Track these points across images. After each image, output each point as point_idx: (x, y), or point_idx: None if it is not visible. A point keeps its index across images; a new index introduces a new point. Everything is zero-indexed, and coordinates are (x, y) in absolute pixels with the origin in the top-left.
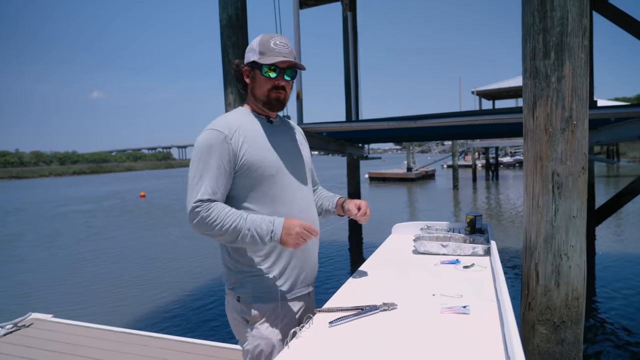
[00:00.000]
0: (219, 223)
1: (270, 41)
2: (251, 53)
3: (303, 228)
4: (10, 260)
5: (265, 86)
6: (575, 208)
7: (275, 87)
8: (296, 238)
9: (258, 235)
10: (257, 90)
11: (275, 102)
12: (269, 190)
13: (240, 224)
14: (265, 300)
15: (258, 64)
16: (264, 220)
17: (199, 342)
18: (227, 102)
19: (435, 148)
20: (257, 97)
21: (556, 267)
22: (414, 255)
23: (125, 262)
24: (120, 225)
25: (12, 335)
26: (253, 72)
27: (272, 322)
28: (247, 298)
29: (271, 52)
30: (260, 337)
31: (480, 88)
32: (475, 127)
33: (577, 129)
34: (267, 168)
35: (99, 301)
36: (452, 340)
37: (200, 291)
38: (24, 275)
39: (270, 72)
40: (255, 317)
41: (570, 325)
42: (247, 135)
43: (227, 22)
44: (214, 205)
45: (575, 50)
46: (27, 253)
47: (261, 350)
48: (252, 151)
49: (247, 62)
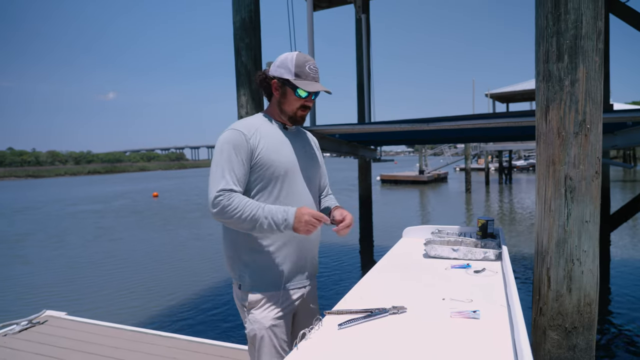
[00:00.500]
0: (239, 211)
1: (306, 65)
2: (284, 70)
3: (312, 216)
4: (23, 259)
5: (295, 105)
6: (588, 213)
7: (303, 106)
8: (306, 225)
9: (274, 223)
10: (286, 106)
11: (299, 119)
12: (276, 189)
13: (259, 213)
14: (262, 289)
15: (292, 84)
16: (279, 209)
17: (208, 342)
18: (240, 103)
19: (448, 151)
20: (284, 111)
21: (568, 272)
22: (424, 259)
23: (136, 262)
24: (132, 225)
25: (27, 332)
26: (284, 88)
27: (267, 308)
28: (246, 286)
29: (306, 77)
30: (254, 322)
31: (494, 91)
32: (488, 130)
33: (590, 132)
34: (277, 168)
35: (110, 300)
36: (461, 344)
37: (210, 291)
38: (36, 273)
39: (303, 93)
40: (252, 303)
41: (582, 331)
42: (263, 136)
43: (240, 24)
44: (235, 195)
45: (590, 54)
46: (40, 252)
47: (255, 335)
48: (265, 151)
49: (280, 77)
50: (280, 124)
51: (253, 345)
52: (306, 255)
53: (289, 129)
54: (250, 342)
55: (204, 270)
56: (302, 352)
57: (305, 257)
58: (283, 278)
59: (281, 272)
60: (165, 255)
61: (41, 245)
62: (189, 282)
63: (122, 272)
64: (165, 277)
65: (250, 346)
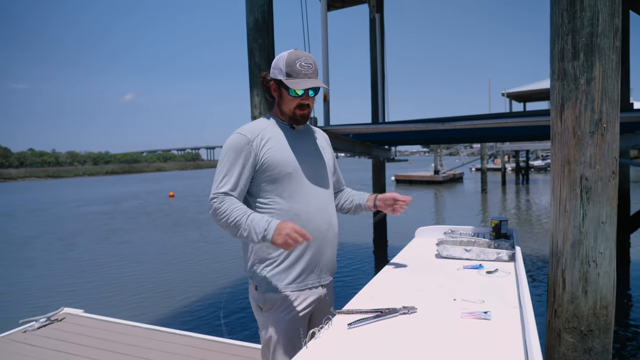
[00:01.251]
0: (226, 216)
1: (297, 63)
2: (277, 71)
3: (294, 231)
4: (40, 258)
5: (292, 104)
6: (604, 214)
7: (300, 105)
8: (284, 238)
9: (254, 232)
10: (284, 106)
11: (300, 118)
12: (285, 188)
13: (242, 220)
14: (277, 289)
15: (285, 85)
16: (262, 220)
17: (222, 341)
18: (253, 103)
19: (463, 151)
20: (283, 112)
21: (584, 274)
22: (436, 259)
23: (152, 261)
24: (148, 225)
25: (45, 329)
26: (279, 89)
27: (282, 311)
28: (262, 287)
29: (297, 75)
30: (270, 325)
31: (510, 90)
32: (504, 129)
33: (607, 132)
34: (284, 167)
35: (127, 298)
36: (471, 345)
37: (225, 291)
38: (54, 272)
39: (296, 92)
40: (268, 305)
41: (599, 334)
42: (268, 138)
43: (253, 24)
44: (227, 199)
45: (606, 51)
46: (58, 251)
47: (270, 337)
48: (271, 152)
49: (274, 78)
50: (287, 124)
51: (268, 348)
52: (324, 255)
53: (297, 128)
54: (264, 345)
55: (219, 270)
56: (311, 352)
57: (323, 256)
58: (300, 277)
59: (299, 271)
60: (181, 255)
61: (59, 244)
62: (205, 281)
63: (138, 271)
64: (181, 276)
65: (264, 348)
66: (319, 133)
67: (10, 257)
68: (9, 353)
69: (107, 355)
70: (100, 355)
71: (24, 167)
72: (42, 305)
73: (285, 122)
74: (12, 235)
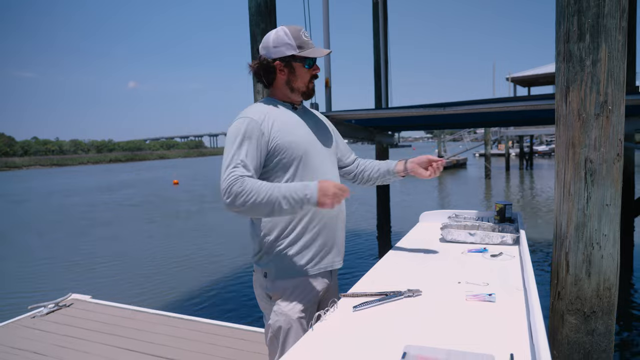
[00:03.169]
0: (253, 195)
1: (301, 34)
2: (285, 47)
3: (337, 188)
4: (50, 244)
5: (306, 77)
6: (608, 196)
7: (313, 77)
8: (332, 198)
9: (294, 201)
10: (298, 82)
11: (312, 91)
12: (298, 171)
13: (275, 193)
14: (288, 275)
15: (298, 57)
16: (297, 186)
17: (227, 325)
18: (256, 89)
19: (467, 136)
20: (296, 89)
21: (587, 256)
22: (441, 243)
23: (157, 248)
24: (155, 212)
25: (54, 314)
26: (290, 65)
27: (293, 300)
28: (271, 273)
29: (307, 45)
30: (281, 314)
31: (515, 74)
32: (507, 114)
33: (612, 114)
34: (294, 150)
35: (134, 284)
36: (476, 326)
37: (230, 276)
38: (61, 258)
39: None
40: (277, 294)
41: (602, 315)
42: (275, 119)
43: (256, 9)
44: (247, 180)
45: (612, 32)
46: (67, 237)
47: (280, 327)
48: (281, 134)
49: (282, 57)
50: (289, 105)
51: (276, 338)
52: (334, 239)
53: (298, 108)
54: (273, 334)
55: (224, 256)
56: (317, 334)
57: (333, 240)
58: (310, 264)
59: (308, 256)
60: (187, 241)
61: (70, 230)
62: (210, 266)
63: (144, 257)
64: (187, 262)
65: (272, 338)
66: (316, 112)
67: (21, 245)
68: (18, 338)
69: (114, 340)
70: (107, 340)
71: (28, 156)
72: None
73: (287, 103)
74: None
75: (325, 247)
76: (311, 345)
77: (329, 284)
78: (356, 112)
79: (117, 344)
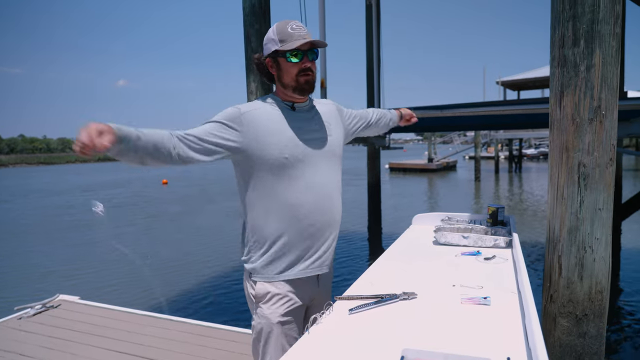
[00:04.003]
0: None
1: (287, 27)
2: (271, 44)
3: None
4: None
5: (293, 72)
6: (601, 200)
7: (302, 71)
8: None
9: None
10: (285, 78)
11: (305, 86)
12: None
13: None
14: (271, 277)
15: (281, 52)
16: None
17: (218, 326)
18: (249, 90)
19: (457, 139)
20: (286, 84)
21: (580, 259)
22: (434, 246)
23: (148, 248)
24: (143, 212)
25: (41, 315)
26: (276, 61)
27: (274, 303)
28: (255, 273)
29: (291, 37)
30: (262, 317)
31: (505, 78)
32: (500, 117)
33: (605, 119)
34: (281, 151)
35: (122, 285)
36: (472, 330)
37: (220, 278)
38: (50, 259)
39: (294, 58)
40: (260, 296)
41: (593, 318)
42: (263, 118)
43: (250, 9)
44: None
45: (606, 38)
46: (55, 238)
47: (261, 329)
48: (264, 135)
49: (269, 53)
50: (287, 105)
51: (258, 340)
52: (321, 244)
53: (298, 108)
54: (255, 336)
55: (214, 257)
56: (313, 337)
57: (320, 246)
58: (294, 267)
59: (293, 259)
60: (177, 242)
61: (56, 231)
62: (201, 267)
63: (134, 258)
64: (177, 263)
65: (255, 340)
66: (326, 106)
67: (8, 245)
68: (4, 339)
69: (103, 342)
70: (96, 342)
71: (15, 154)
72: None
73: (286, 102)
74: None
75: (311, 252)
76: (309, 348)
77: (316, 290)
78: None
79: (106, 346)
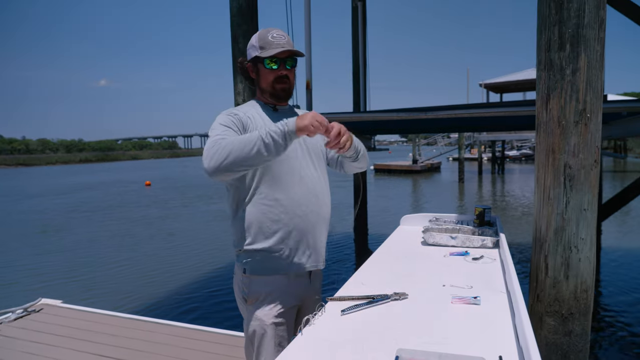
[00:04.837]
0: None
1: (268, 35)
2: (252, 50)
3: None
4: (23, 245)
5: (269, 78)
6: (586, 201)
7: (279, 77)
8: (311, 119)
9: (274, 132)
10: (263, 83)
11: (281, 93)
12: (267, 172)
13: (254, 134)
14: (264, 272)
15: (260, 58)
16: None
17: (205, 329)
18: (237, 90)
19: (441, 141)
20: (263, 89)
21: (566, 259)
22: (422, 246)
23: (133, 250)
24: (127, 214)
25: (22, 320)
26: (256, 67)
27: (268, 304)
28: (249, 269)
29: (270, 45)
30: (255, 319)
31: (488, 81)
32: (484, 119)
33: (590, 122)
34: None
35: (107, 288)
36: (464, 329)
37: (208, 279)
38: (33, 261)
39: (272, 64)
40: (252, 297)
41: (579, 317)
42: (251, 118)
43: (237, 10)
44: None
45: (591, 43)
46: (40, 241)
47: (254, 331)
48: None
49: (250, 59)
50: (269, 107)
51: (251, 343)
52: (312, 240)
53: (279, 110)
54: (248, 339)
55: (201, 259)
56: (306, 338)
57: (312, 242)
58: (289, 260)
59: (287, 253)
60: (162, 244)
61: (39, 234)
62: (187, 269)
63: (118, 261)
64: (162, 265)
65: (247, 343)
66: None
67: None
68: None
69: (87, 346)
70: (79, 346)
71: None
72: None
73: (268, 105)
74: None
75: (303, 246)
76: (302, 349)
77: (308, 287)
78: (338, 115)
79: (90, 350)
